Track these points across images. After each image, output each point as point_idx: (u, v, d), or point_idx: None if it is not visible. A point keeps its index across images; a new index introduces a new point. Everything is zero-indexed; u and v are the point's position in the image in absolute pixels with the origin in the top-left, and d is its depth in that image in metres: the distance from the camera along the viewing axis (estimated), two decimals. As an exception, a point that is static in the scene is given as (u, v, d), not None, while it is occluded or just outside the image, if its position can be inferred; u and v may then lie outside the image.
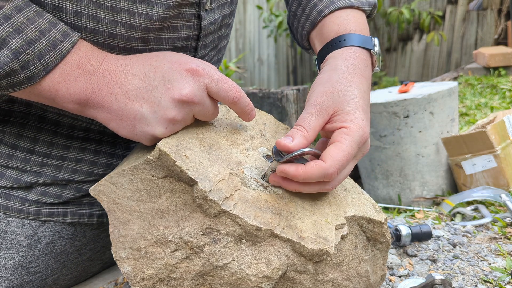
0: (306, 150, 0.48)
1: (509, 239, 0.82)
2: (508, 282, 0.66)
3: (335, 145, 0.49)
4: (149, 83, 0.48)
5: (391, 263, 0.72)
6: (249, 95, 1.76)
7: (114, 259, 0.48)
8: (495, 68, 2.97)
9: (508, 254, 0.75)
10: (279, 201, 0.49)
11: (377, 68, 0.63)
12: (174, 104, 0.48)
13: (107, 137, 0.65)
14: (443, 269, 0.71)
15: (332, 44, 0.62)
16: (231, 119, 0.59)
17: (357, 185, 0.61)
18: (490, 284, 0.66)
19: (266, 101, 1.72)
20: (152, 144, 0.50)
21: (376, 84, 3.85)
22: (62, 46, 0.48)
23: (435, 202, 1.47)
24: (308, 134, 0.50)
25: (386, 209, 1.32)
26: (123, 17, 0.53)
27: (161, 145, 0.47)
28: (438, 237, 0.83)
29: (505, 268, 0.70)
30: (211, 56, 0.70)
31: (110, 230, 0.48)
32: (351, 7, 0.65)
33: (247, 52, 5.23)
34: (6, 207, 0.59)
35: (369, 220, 0.54)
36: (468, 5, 3.75)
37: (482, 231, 0.87)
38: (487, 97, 2.51)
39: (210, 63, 0.60)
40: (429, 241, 0.81)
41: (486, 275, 0.68)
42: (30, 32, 0.46)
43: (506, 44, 3.43)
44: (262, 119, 0.63)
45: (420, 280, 0.63)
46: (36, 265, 0.61)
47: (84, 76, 0.48)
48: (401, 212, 1.21)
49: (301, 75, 4.99)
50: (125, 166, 0.49)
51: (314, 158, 0.50)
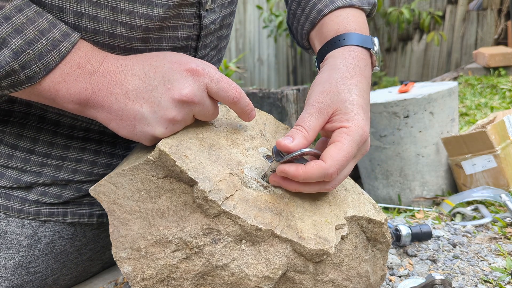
0: (306, 150, 0.48)
1: (509, 239, 0.82)
2: (508, 282, 0.66)
3: (335, 145, 0.49)
4: (149, 83, 0.48)
5: (391, 263, 0.72)
6: (249, 95, 1.76)
7: (114, 259, 0.48)
8: (495, 68, 2.97)
9: (508, 254, 0.75)
10: (279, 201, 0.49)
11: (377, 68, 0.63)
12: (174, 104, 0.48)
13: (107, 137, 0.65)
14: (443, 269, 0.71)
15: (332, 43, 0.62)
16: (231, 119, 0.59)
17: (357, 185, 0.61)
18: (490, 284, 0.66)
19: (266, 101, 1.72)
20: (152, 144, 0.50)
21: (376, 84, 3.85)
22: (62, 46, 0.48)
23: (435, 202, 1.47)
24: (308, 134, 0.50)
25: (386, 209, 1.32)
26: (123, 17, 0.53)
27: (161, 145, 0.47)
28: (438, 237, 0.83)
29: (505, 268, 0.70)
30: (211, 56, 0.70)
31: (110, 230, 0.48)
32: (351, 6, 0.65)
33: (247, 52, 5.23)
34: (6, 207, 0.59)
35: (369, 220, 0.54)
36: (468, 5, 3.75)
37: (482, 231, 0.87)
38: (487, 97, 2.50)
39: (211, 63, 0.60)
40: (429, 241, 0.81)
41: (486, 275, 0.68)
42: (30, 32, 0.46)
43: (506, 44, 3.43)
44: (262, 119, 0.63)
45: (420, 280, 0.63)
46: (36, 265, 0.61)
47: (84, 76, 0.48)
48: (401, 212, 1.21)
49: (301, 75, 4.99)
50: (125, 166, 0.49)
51: (314, 158, 0.50)
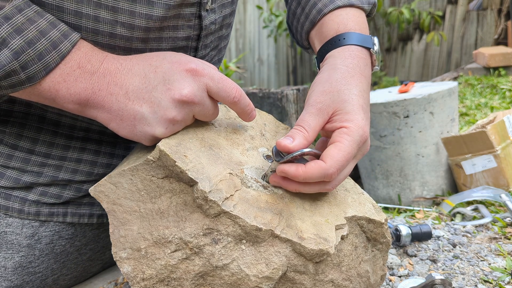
0: (306, 150, 0.48)
1: (509, 239, 0.82)
2: (508, 282, 0.66)
3: (335, 145, 0.49)
4: (149, 83, 0.48)
5: (391, 263, 0.72)
6: (249, 95, 1.76)
7: (114, 260, 0.48)
8: (495, 68, 2.97)
9: (508, 254, 0.75)
10: (279, 201, 0.49)
11: (377, 67, 0.63)
12: (174, 104, 0.48)
13: (107, 137, 0.65)
14: (443, 269, 0.71)
15: (332, 43, 0.62)
16: (231, 119, 0.59)
17: (357, 185, 0.61)
18: (490, 284, 0.66)
19: (266, 101, 1.72)
20: (152, 144, 0.50)
21: (376, 84, 3.85)
22: (62, 46, 0.48)
23: (435, 202, 1.47)
24: (308, 135, 0.50)
25: (386, 209, 1.32)
26: (124, 17, 0.53)
27: (161, 145, 0.47)
28: (438, 237, 0.83)
29: (505, 268, 0.70)
30: (211, 56, 0.70)
31: (110, 231, 0.48)
32: (351, 5, 0.65)
33: (247, 52, 5.23)
34: (6, 207, 0.59)
35: (369, 220, 0.54)
36: (468, 5, 3.75)
37: (482, 231, 0.87)
38: (487, 97, 2.50)
39: (211, 63, 0.60)
40: (429, 241, 0.81)
41: (486, 275, 0.68)
42: (30, 32, 0.46)
43: (506, 44, 3.43)
44: (262, 119, 0.63)
45: (420, 280, 0.63)
46: (36, 265, 0.61)
47: (84, 76, 0.48)
48: (401, 212, 1.21)
49: (301, 75, 4.99)
50: (125, 166, 0.49)
51: (315, 158, 0.50)
